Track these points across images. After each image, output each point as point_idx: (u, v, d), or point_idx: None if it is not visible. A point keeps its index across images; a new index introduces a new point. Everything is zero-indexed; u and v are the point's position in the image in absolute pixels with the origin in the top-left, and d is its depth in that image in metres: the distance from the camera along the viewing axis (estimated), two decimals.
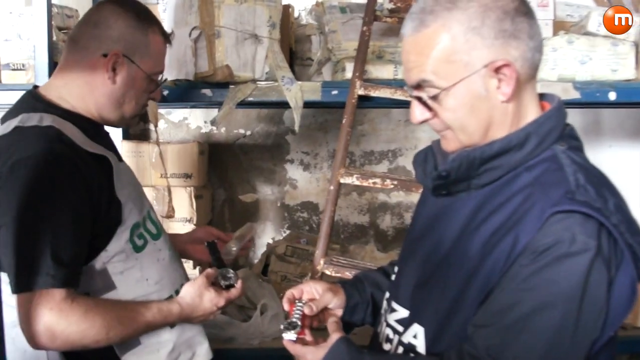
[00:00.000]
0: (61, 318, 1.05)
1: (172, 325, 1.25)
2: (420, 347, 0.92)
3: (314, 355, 0.97)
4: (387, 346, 1.01)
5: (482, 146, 0.88)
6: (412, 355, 0.93)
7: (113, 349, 1.20)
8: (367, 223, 2.77)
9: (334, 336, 0.99)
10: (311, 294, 1.13)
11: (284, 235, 2.71)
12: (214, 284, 1.29)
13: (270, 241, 2.71)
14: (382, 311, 1.08)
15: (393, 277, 1.09)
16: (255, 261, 2.54)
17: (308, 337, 1.05)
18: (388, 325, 1.02)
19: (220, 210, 2.71)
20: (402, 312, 0.97)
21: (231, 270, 1.32)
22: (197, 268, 2.18)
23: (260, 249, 2.72)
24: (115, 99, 1.22)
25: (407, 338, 0.95)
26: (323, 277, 1.84)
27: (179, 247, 1.45)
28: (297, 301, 1.11)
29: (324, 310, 1.15)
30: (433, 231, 0.96)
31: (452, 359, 0.85)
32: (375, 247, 2.75)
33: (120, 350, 1.21)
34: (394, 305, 1.01)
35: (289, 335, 1.02)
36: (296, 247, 2.35)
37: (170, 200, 2.17)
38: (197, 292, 1.24)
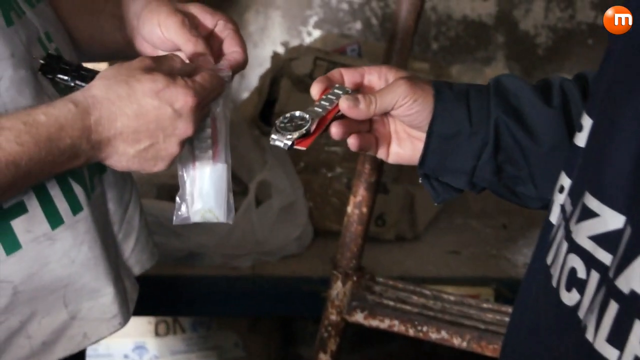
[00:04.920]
0: None
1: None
2: None
3: None
4: (571, 296, 0.99)
5: None
6: None
7: None
8: (492, 19, 2.98)
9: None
10: (371, 81, 1.24)
11: (309, 38, 2.93)
12: None
13: (280, 50, 2.82)
14: (558, 217, 1.10)
15: (584, 121, 1.08)
16: (245, 94, 2.54)
17: None
18: (573, 247, 1.01)
19: None
20: (612, 220, 0.95)
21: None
22: None
23: (256, 66, 2.81)
24: None
25: (628, 282, 0.91)
26: None
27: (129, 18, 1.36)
28: (336, 87, 1.22)
29: (382, 121, 1.23)
30: None
31: None
32: (505, 70, 2.97)
33: None
34: (590, 201, 1.00)
35: (281, 139, 1.14)
36: (336, 62, 2.43)
37: None
38: (120, 75, 1.23)
